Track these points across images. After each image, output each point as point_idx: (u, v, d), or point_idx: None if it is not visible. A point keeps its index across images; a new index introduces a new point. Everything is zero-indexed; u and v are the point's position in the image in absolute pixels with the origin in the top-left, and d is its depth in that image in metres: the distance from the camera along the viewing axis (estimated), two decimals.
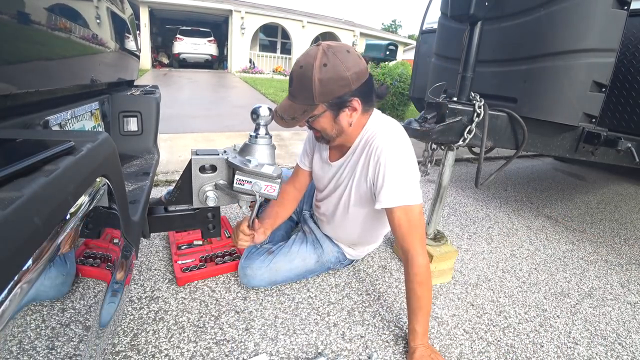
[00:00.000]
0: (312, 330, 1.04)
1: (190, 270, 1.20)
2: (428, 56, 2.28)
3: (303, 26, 13.76)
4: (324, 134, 1.00)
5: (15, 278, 0.27)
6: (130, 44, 1.35)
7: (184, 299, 1.12)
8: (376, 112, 1.07)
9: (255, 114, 0.80)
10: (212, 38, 13.42)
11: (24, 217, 0.27)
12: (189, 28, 13.32)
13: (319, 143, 1.09)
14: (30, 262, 0.29)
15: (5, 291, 0.25)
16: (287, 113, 0.93)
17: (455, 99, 1.47)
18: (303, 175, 1.30)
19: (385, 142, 0.98)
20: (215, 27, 14.64)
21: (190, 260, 1.26)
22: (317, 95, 0.88)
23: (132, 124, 1.22)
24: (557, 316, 1.23)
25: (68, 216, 0.36)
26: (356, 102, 0.93)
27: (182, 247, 1.35)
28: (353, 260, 1.38)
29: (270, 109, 0.82)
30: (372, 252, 1.50)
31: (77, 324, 0.45)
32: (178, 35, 12.98)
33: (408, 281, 0.99)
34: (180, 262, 1.25)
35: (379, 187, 0.99)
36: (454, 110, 1.41)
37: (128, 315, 1.03)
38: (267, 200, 1.53)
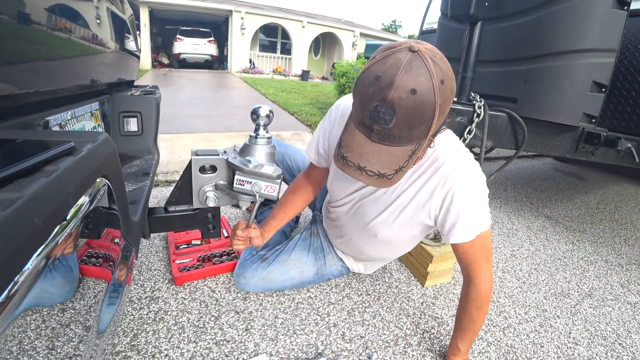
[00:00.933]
0: (312, 331, 1.04)
1: (188, 270, 1.20)
2: None
3: (303, 26, 13.77)
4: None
5: (15, 279, 0.27)
6: (130, 44, 1.35)
7: (184, 299, 1.12)
8: (445, 132, 0.84)
9: (255, 114, 0.80)
10: (212, 38, 13.44)
11: (24, 218, 0.27)
12: (189, 28, 13.34)
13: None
14: (30, 262, 0.29)
15: (6, 292, 0.25)
16: (387, 165, 0.64)
17: (455, 99, 1.47)
18: (318, 172, 1.10)
19: (459, 171, 0.78)
20: (215, 27, 14.65)
21: (188, 260, 1.26)
22: (434, 127, 0.62)
23: (132, 125, 1.22)
24: (557, 316, 1.23)
25: (68, 217, 0.36)
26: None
27: (181, 247, 1.35)
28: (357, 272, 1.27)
29: (270, 110, 0.82)
30: None
31: (77, 324, 0.45)
32: (178, 36, 12.99)
33: (466, 302, 0.88)
34: (178, 261, 1.25)
35: (451, 222, 0.81)
36: (454, 110, 1.41)
37: (128, 316, 1.03)
38: (267, 202, 1.53)
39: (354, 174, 0.65)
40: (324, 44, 16.08)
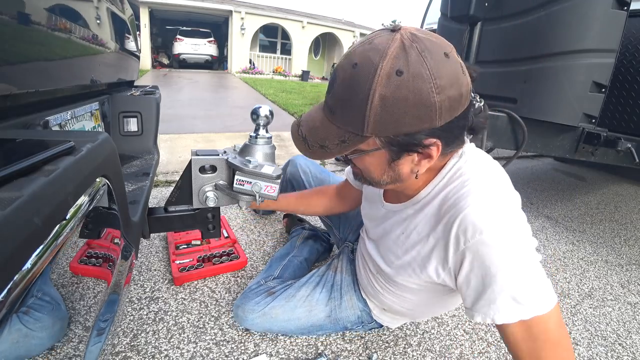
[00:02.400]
0: (317, 335, 1.04)
1: (188, 270, 1.20)
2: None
3: (303, 27, 13.78)
4: (367, 175, 0.64)
5: (15, 278, 0.27)
6: (130, 45, 1.35)
7: (184, 299, 1.12)
8: (465, 148, 0.65)
9: (255, 114, 0.80)
10: (212, 39, 13.46)
11: (23, 217, 0.27)
12: (189, 29, 13.37)
13: (355, 179, 0.71)
14: (29, 262, 0.29)
15: (5, 291, 0.25)
16: (315, 135, 0.58)
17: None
18: (349, 189, 1.00)
19: (481, 215, 0.55)
20: (215, 27, 14.67)
21: (187, 260, 1.26)
22: (371, 123, 0.51)
23: (132, 125, 1.22)
24: None
25: (68, 216, 0.36)
26: (435, 148, 0.55)
27: (181, 247, 1.35)
28: (383, 325, 1.01)
29: (270, 110, 0.82)
30: None
31: (77, 324, 0.45)
32: (178, 36, 13.02)
33: None
34: (177, 261, 1.25)
35: (474, 292, 0.58)
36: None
37: (128, 316, 1.03)
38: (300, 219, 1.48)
39: (295, 138, 0.62)
40: (324, 44, 16.10)
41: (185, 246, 1.36)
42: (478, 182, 0.59)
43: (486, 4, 1.36)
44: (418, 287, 0.76)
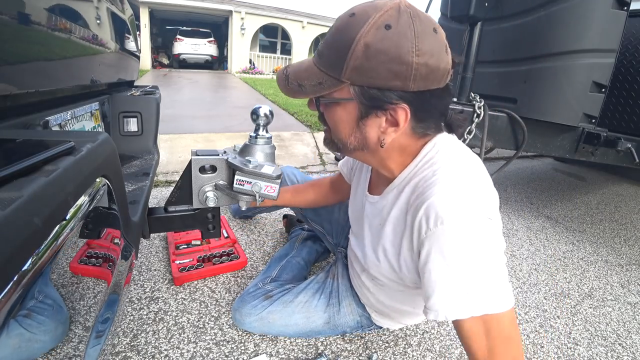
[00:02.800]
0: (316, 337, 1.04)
1: (188, 270, 1.20)
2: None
3: (303, 27, 13.78)
4: (335, 134, 0.65)
5: (15, 278, 0.27)
6: (130, 45, 1.35)
7: (184, 299, 1.12)
8: (443, 139, 0.66)
9: (255, 114, 0.80)
10: (212, 39, 13.46)
11: (23, 218, 0.27)
12: (189, 29, 13.36)
13: (325, 145, 0.72)
14: (29, 262, 0.29)
15: (5, 292, 0.25)
16: (298, 74, 0.61)
17: (455, 99, 1.48)
18: (343, 181, 1.01)
19: (445, 205, 0.55)
20: (215, 27, 14.67)
21: (187, 260, 1.26)
22: (350, 67, 0.54)
23: (132, 125, 1.22)
24: (557, 317, 1.22)
25: (68, 216, 0.36)
26: (402, 112, 0.56)
27: (181, 247, 1.35)
28: (382, 327, 1.00)
29: (270, 110, 0.82)
30: None
31: (77, 325, 0.45)
32: (178, 36, 13.01)
33: None
34: (177, 261, 1.25)
35: (425, 282, 0.58)
36: (454, 110, 1.41)
37: (128, 316, 1.03)
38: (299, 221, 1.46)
39: (279, 72, 0.65)
40: None
41: (185, 246, 1.36)
42: (448, 172, 0.60)
43: (486, 4, 1.36)
44: (398, 284, 0.76)
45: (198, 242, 1.38)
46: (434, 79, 0.55)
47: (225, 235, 1.46)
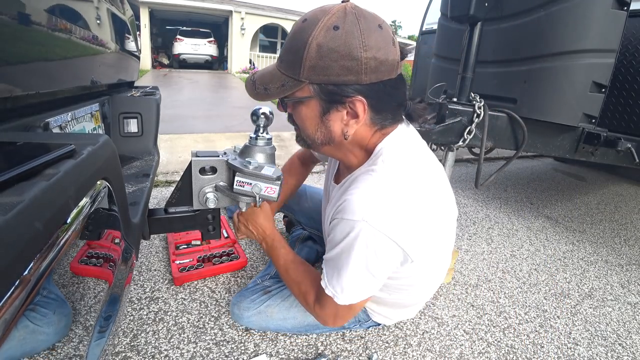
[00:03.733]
0: (315, 333, 1.04)
1: (188, 270, 1.21)
2: (428, 57, 2.28)
3: None
4: (303, 132, 0.72)
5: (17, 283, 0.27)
6: (131, 45, 1.35)
7: (184, 299, 1.12)
8: (401, 129, 0.73)
9: (255, 115, 0.80)
10: (212, 39, 13.44)
11: (25, 222, 0.28)
12: (189, 29, 13.35)
13: (297, 143, 0.79)
14: (31, 266, 0.29)
15: (7, 296, 0.26)
16: (263, 79, 0.67)
17: (455, 99, 1.47)
18: (312, 154, 1.13)
19: (355, 205, 0.64)
20: (216, 27, 14.65)
21: (187, 260, 1.26)
22: (307, 67, 0.60)
23: (133, 126, 1.22)
24: (558, 317, 1.23)
25: (69, 220, 0.36)
26: (360, 104, 0.63)
27: (181, 247, 1.35)
28: (380, 324, 1.04)
29: (270, 111, 0.82)
30: None
31: (77, 325, 0.45)
32: (178, 36, 13.00)
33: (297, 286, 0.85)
34: (177, 262, 1.25)
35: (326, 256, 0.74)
36: (454, 110, 1.41)
37: (128, 316, 1.03)
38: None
39: (247, 79, 0.71)
40: None
41: (185, 246, 1.36)
42: (376, 180, 0.66)
43: (486, 4, 1.36)
44: None
45: (198, 242, 1.38)
46: (385, 70, 0.61)
47: (225, 235, 1.46)
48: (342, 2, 0.62)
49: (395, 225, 0.64)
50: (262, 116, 0.80)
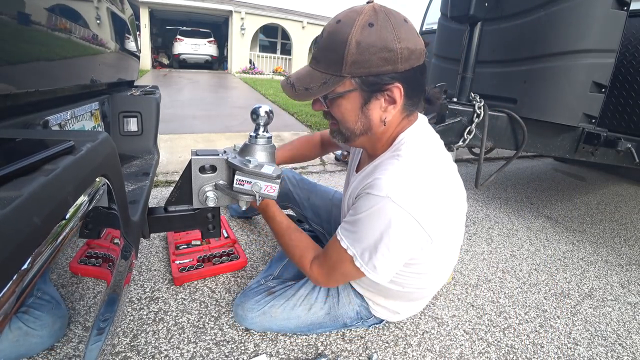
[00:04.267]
0: (317, 333, 1.04)
1: (188, 270, 1.20)
2: (428, 57, 2.28)
3: (303, 27, 13.78)
4: (343, 125, 0.75)
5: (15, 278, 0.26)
6: (131, 45, 1.35)
7: (184, 299, 1.12)
8: (422, 122, 0.81)
9: (255, 114, 0.80)
10: (212, 39, 13.45)
11: (23, 217, 0.27)
12: (189, 29, 13.36)
13: (332, 138, 0.83)
14: (29, 261, 0.29)
15: (4, 290, 0.25)
16: (301, 80, 0.71)
17: (455, 99, 1.48)
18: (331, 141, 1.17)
19: (385, 184, 0.69)
20: (216, 27, 14.66)
21: (187, 260, 1.26)
22: (349, 63, 0.65)
23: (132, 125, 1.22)
24: (558, 317, 1.22)
25: (67, 216, 0.36)
26: (397, 90, 0.68)
27: (181, 247, 1.35)
28: (383, 320, 1.04)
29: (270, 110, 0.82)
30: None
31: (77, 324, 0.45)
32: (178, 36, 13.01)
33: (292, 250, 0.90)
34: (177, 262, 1.24)
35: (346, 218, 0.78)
36: (454, 110, 1.41)
37: (128, 316, 1.03)
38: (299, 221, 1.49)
39: (284, 87, 0.75)
40: None
41: (185, 246, 1.36)
42: (404, 164, 0.71)
43: (486, 4, 1.36)
44: None
45: (198, 242, 1.38)
46: (415, 58, 0.68)
47: (225, 235, 1.46)
48: (368, 2, 0.68)
49: (419, 206, 0.69)
50: (262, 115, 0.80)
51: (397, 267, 0.76)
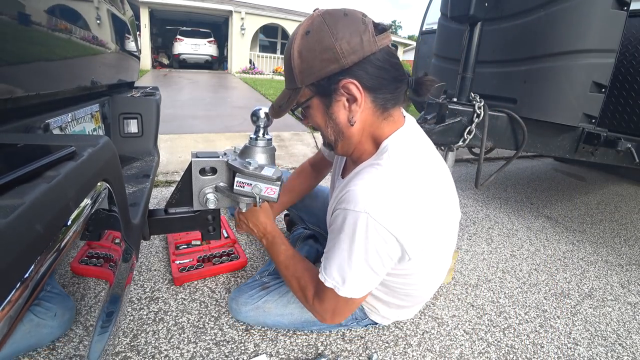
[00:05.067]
0: (311, 331, 1.04)
1: (188, 270, 1.21)
2: (428, 57, 2.28)
3: None
4: (322, 133, 0.78)
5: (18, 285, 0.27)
6: (131, 45, 1.35)
7: (184, 299, 1.12)
8: (409, 126, 0.77)
9: (255, 115, 0.81)
10: (212, 39, 13.43)
11: (25, 225, 0.28)
12: (189, 29, 13.34)
13: (324, 149, 0.86)
14: (32, 269, 0.29)
15: (8, 299, 0.26)
16: (277, 101, 0.76)
17: (455, 99, 1.47)
18: (324, 159, 1.17)
19: (362, 195, 0.66)
20: (216, 27, 14.64)
21: (187, 260, 1.26)
22: (297, 74, 0.68)
23: (133, 126, 1.22)
24: (558, 317, 1.23)
25: (69, 222, 0.36)
26: (352, 86, 0.66)
27: (181, 247, 1.35)
28: (377, 322, 1.03)
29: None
30: None
31: (78, 325, 0.45)
32: (178, 36, 12.99)
33: (294, 280, 0.86)
34: (177, 262, 1.25)
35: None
36: (454, 110, 1.41)
37: (128, 316, 1.03)
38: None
39: (270, 110, 0.79)
40: None
41: (185, 246, 1.36)
42: (380, 174, 0.69)
43: (486, 4, 1.36)
44: None
45: (198, 242, 1.39)
46: (363, 46, 0.65)
47: (225, 235, 1.46)
48: (314, 10, 0.70)
49: (396, 219, 0.66)
50: (262, 117, 0.80)
51: (376, 282, 0.74)
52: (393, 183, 0.67)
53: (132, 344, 0.94)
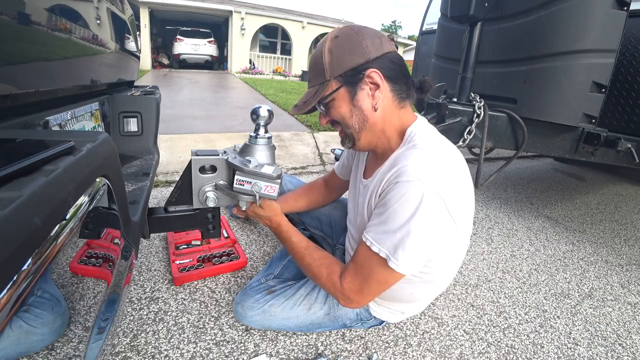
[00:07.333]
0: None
1: (188, 271, 1.20)
2: (428, 57, 2.28)
3: (303, 27, 13.77)
4: (344, 125, 0.81)
5: (15, 278, 0.26)
6: (131, 45, 1.35)
7: (184, 299, 1.12)
8: (422, 126, 0.83)
9: (255, 114, 0.80)
10: (212, 39, 13.45)
11: (23, 217, 0.27)
12: (189, 29, 13.36)
13: (345, 147, 0.87)
14: (29, 262, 0.29)
15: (5, 291, 0.25)
16: (301, 99, 0.82)
17: (455, 99, 1.48)
18: (337, 180, 1.20)
19: (415, 168, 0.69)
20: (216, 27, 14.66)
21: (187, 260, 1.26)
22: (327, 68, 0.76)
23: (132, 125, 1.22)
24: (558, 317, 1.22)
25: (68, 216, 0.36)
26: (375, 74, 0.75)
27: (181, 247, 1.35)
28: (383, 322, 1.04)
29: (270, 110, 0.82)
30: None
31: (77, 324, 0.45)
32: (178, 36, 13.01)
33: (319, 273, 0.85)
34: (177, 262, 1.24)
35: (374, 216, 0.76)
36: (454, 111, 1.41)
37: (128, 316, 1.03)
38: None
39: (292, 110, 0.84)
40: None
41: (185, 246, 1.36)
42: (424, 151, 0.74)
43: (486, 4, 1.36)
44: None
45: (198, 242, 1.38)
46: (381, 46, 0.77)
47: (225, 235, 1.46)
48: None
49: (447, 189, 0.70)
50: (262, 115, 0.80)
51: (425, 255, 0.74)
52: (436, 157, 0.74)
53: (132, 344, 0.93)
